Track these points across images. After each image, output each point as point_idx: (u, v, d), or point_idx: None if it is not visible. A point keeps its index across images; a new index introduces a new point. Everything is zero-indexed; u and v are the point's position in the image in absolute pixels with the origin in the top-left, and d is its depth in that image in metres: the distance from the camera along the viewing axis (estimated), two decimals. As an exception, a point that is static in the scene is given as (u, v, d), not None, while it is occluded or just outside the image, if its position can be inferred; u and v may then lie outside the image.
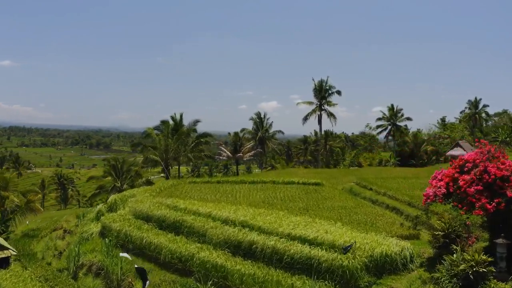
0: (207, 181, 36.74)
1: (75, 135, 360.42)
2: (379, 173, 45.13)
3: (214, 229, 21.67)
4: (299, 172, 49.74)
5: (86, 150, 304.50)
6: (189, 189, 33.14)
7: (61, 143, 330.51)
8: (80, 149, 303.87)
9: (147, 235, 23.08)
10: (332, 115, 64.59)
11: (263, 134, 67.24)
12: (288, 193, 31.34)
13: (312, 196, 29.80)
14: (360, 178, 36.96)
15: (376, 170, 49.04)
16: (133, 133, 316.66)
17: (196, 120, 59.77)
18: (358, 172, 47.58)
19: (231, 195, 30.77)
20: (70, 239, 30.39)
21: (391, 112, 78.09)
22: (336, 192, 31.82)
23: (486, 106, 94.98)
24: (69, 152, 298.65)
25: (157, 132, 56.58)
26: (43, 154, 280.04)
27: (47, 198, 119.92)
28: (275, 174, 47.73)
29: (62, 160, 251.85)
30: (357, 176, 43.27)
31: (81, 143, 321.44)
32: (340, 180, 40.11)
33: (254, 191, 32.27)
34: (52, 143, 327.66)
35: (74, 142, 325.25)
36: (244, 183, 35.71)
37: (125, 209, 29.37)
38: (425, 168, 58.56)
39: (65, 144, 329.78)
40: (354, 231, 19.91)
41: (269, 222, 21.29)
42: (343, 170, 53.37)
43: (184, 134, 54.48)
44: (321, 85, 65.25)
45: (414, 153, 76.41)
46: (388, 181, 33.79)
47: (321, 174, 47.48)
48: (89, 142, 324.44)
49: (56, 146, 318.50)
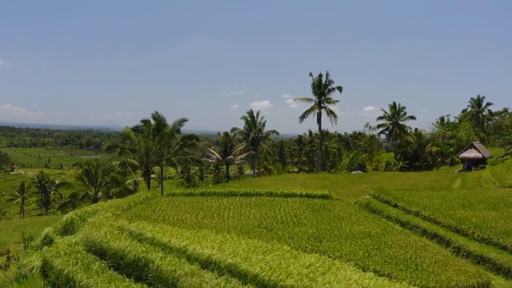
0: (189, 193, 29.39)
1: (65, 135, 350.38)
2: (392, 180, 38.16)
3: (189, 277, 14.41)
4: (298, 178, 42.66)
5: (76, 150, 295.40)
6: (165, 205, 25.86)
7: (51, 143, 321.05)
8: (70, 149, 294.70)
9: (95, 281, 15.76)
10: (332, 113, 57.34)
11: (255, 134, 60.06)
12: (290, 210, 24.20)
13: (322, 216, 22.66)
14: (376, 189, 29.88)
15: (387, 176, 42.06)
16: (124, 133, 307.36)
17: (182, 119, 52.34)
18: (366, 178, 40.57)
19: (217, 214, 23.52)
20: (9, 273, 22.90)
21: (393, 110, 71.41)
22: (350, 209, 24.72)
23: (490, 104, 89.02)
24: (58, 152, 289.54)
25: (137, 133, 49.14)
26: (32, 155, 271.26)
27: (28, 202, 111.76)
28: (271, 181, 40.62)
29: (51, 160, 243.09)
30: (368, 184, 36.28)
31: (71, 143, 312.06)
32: (349, 190, 33.07)
33: (247, 207, 25.07)
34: (42, 143, 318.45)
35: (64, 142, 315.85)
36: (235, 196, 28.53)
37: (79, 234, 22.00)
38: (440, 172, 51.79)
39: (55, 144, 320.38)
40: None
41: (270, 267, 14.13)
42: (347, 176, 46.32)
43: (167, 135, 46.97)
44: (320, 80, 58.02)
45: (418, 154, 69.76)
46: (414, 194, 26.70)
47: (324, 181, 40.43)
48: (79, 142, 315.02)
49: (45, 146, 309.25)
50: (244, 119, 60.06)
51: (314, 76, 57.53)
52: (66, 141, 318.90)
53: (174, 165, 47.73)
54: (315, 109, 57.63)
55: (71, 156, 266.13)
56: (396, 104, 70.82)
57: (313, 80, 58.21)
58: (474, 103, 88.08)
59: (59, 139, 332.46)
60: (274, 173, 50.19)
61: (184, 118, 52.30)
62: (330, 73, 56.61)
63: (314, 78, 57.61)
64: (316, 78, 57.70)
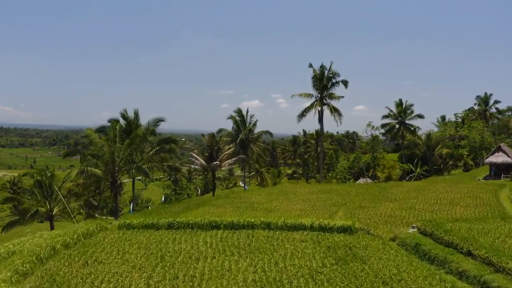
0: (151, 225, 19.89)
1: (53, 135, 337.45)
2: (421, 195, 29.08)
3: None
4: (298, 191, 33.38)
5: (64, 150, 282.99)
6: (107, 250, 16.41)
7: (39, 144, 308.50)
8: (58, 150, 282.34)
9: None
10: (336, 111, 47.55)
11: (245, 135, 50.72)
12: (301, 260, 14.91)
13: (355, 274, 13.45)
14: (425, 220, 20.73)
15: (411, 189, 32.82)
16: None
17: (158, 119, 42.88)
18: (386, 192, 31.34)
19: (184, 271, 14.13)
20: None
21: (399, 108, 62.32)
22: (393, 255, 15.56)
23: (498, 102, 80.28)
24: (46, 152, 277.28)
25: (103, 134, 39.63)
26: (19, 155, 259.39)
27: (3, 208, 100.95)
28: (266, 196, 31.31)
29: (36, 161, 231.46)
30: (393, 201, 27.14)
31: (59, 143, 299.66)
32: (373, 213, 23.86)
33: (233, 255, 15.69)
34: (30, 144, 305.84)
35: (52, 143, 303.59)
36: (217, 229, 19.12)
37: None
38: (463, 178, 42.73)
39: (43, 144, 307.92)
40: None
41: None
42: (358, 187, 36.94)
43: (138, 138, 37.38)
44: (322, 73, 48.18)
45: (427, 157, 60.92)
46: (484, 229, 17.48)
47: (331, 194, 31.30)
48: (67, 142, 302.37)
49: (33, 146, 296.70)
50: (232, 119, 50.64)
51: (315, 68, 48.08)
52: (54, 141, 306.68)
53: (146, 174, 38.08)
54: (317, 106, 48.16)
55: (59, 157, 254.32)
56: (402, 101, 61.98)
57: (314, 72, 48.41)
58: (481, 101, 79.42)
59: (47, 139, 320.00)
60: (268, 182, 40.87)
61: (161, 118, 42.78)
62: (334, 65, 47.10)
63: (315, 69, 48.13)
64: (317, 70, 48.11)
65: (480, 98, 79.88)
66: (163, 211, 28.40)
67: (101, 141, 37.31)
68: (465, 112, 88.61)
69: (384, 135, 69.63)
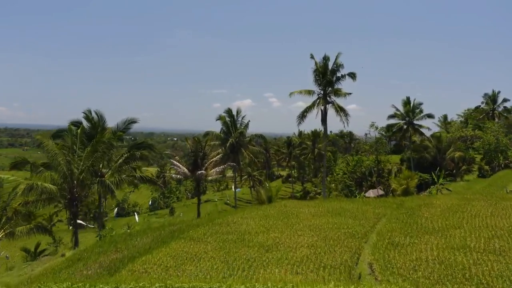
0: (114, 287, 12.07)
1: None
2: (468, 221, 21.54)
3: None
4: (302, 214, 25.77)
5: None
6: None
7: (29, 144, 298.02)
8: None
9: None
10: (342, 110, 39.70)
11: (236, 138, 43.04)
12: None
13: None
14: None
15: (446, 209, 25.18)
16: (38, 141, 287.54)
17: (130, 120, 35.00)
18: (417, 217, 23.71)
19: None
20: None
21: (407, 107, 54.99)
22: None
23: (507, 100, 73.30)
24: (35, 153, 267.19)
25: (62, 140, 31.84)
26: (8, 155, 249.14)
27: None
28: (260, 223, 23.65)
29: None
30: (433, 233, 19.53)
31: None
32: (415, 258, 16.22)
33: None
34: (20, 144, 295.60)
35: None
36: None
37: None
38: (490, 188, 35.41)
39: (33, 144, 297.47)
40: None
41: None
42: (375, 205, 29.18)
43: (104, 144, 29.52)
44: (326, 65, 40.32)
45: (437, 161, 53.66)
46: None
47: (345, 217, 23.85)
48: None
49: (22, 146, 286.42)
50: (222, 120, 42.96)
51: (316, 59, 40.10)
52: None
53: (111, 192, 29.96)
54: (319, 105, 40.28)
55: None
56: (410, 99, 54.58)
57: (316, 65, 40.72)
58: (489, 99, 72.47)
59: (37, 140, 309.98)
60: (262, 194, 33.40)
61: (132, 119, 34.80)
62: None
63: (317, 61, 40.17)
64: (320, 62, 40.17)
65: (488, 96, 73.04)
66: (124, 246, 20.68)
67: (57, 148, 29.44)
68: (466, 111, 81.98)
69: (390, 137, 62.33)
